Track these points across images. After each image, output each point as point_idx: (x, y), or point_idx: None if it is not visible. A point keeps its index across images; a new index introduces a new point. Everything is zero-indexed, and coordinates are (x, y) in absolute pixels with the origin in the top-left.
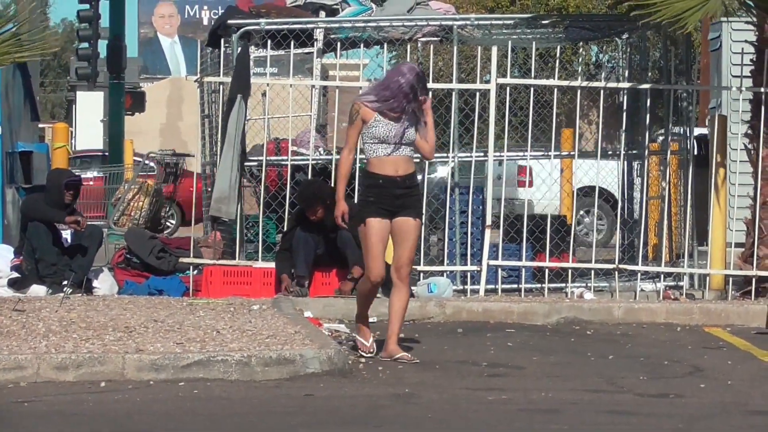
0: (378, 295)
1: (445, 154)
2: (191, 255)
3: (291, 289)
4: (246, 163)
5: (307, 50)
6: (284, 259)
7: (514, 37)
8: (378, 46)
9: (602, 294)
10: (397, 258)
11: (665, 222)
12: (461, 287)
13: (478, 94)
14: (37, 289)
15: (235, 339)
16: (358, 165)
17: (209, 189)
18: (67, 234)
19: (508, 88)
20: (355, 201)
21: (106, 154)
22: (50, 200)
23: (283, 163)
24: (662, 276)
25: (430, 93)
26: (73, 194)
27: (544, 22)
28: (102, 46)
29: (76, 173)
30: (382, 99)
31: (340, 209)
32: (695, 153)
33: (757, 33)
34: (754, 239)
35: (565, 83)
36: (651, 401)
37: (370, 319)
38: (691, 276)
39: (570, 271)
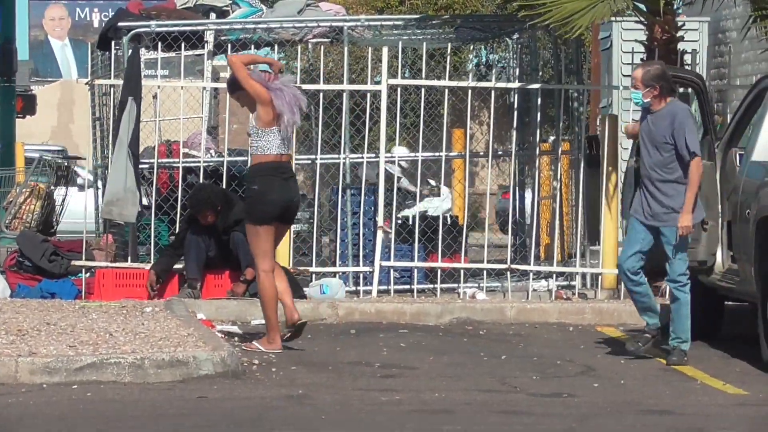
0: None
1: (336, 156)
2: (83, 258)
3: (153, 286)
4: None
5: (197, 52)
6: (164, 255)
7: (405, 37)
8: (269, 47)
9: (495, 294)
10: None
11: (557, 222)
12: (354, 288)
13: (369, 95)
14: None
15: (128, 341)
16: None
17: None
18: None
19: (399, 89)
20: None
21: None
22: None
23: (175, 165)
24: (554, 276)
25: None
26: None
27: (434, 22)
28: None
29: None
30: None
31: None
32: (587, 152)
33: (647, 33)
34: None
35: (455, 84)
36: (544, 401)
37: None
38: (584, 275)
39: (462, 271)
